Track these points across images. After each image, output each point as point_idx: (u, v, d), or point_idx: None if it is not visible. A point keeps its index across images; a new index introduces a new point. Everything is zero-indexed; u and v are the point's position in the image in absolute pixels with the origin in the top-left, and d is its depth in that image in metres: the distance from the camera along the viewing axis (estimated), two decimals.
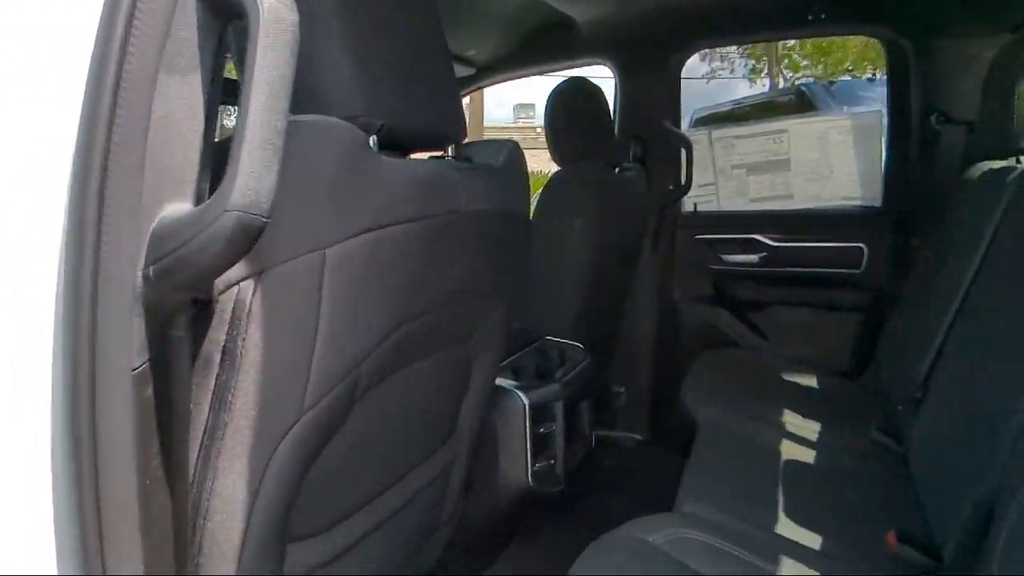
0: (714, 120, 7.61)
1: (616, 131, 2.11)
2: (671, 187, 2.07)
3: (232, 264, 0.44)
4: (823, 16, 1.67)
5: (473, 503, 1.23)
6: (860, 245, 1.89)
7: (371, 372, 0.68)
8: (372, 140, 0.66)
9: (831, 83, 6.89)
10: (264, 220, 0.42)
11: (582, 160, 1.65)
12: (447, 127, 0.82)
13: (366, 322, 0.65)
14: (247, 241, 0.42)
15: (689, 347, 2.16)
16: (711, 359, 1.89)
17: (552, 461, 1.30)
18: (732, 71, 16.10)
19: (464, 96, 2.42)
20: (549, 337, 1.58)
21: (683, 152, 2.04)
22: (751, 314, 2.09)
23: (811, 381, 1.79)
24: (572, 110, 1.65)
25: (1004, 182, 1.24)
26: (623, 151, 2.08)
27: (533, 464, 1.25)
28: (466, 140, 0.89)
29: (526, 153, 0.95)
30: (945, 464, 1.02)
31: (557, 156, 1.70)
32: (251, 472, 0.55)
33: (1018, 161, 1.28)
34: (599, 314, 1.84)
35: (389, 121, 0.68)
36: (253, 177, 0.40)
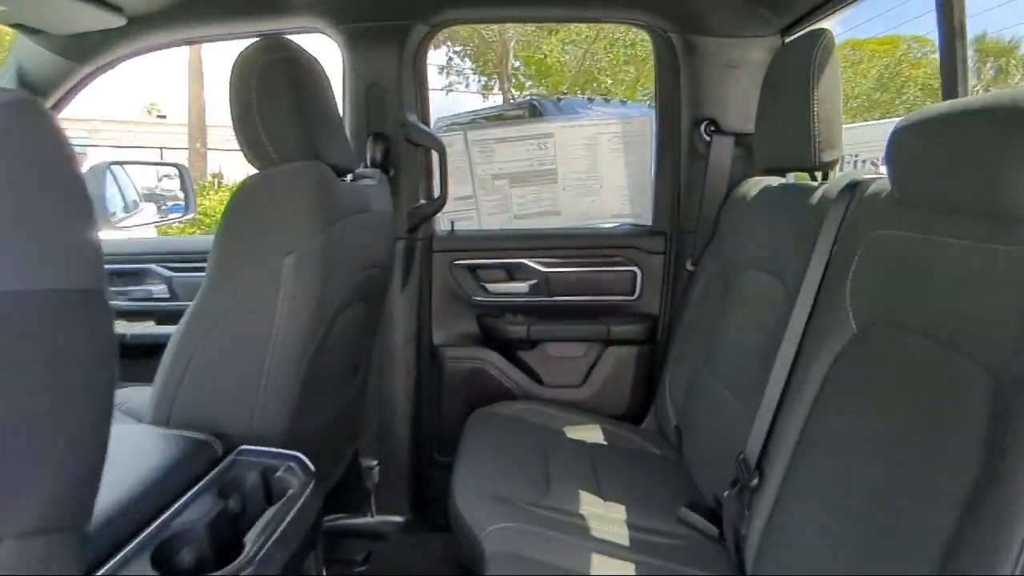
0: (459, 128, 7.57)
1: (346, 126, 1.57)
2: (422, 201, 1.61)
3: None
4: None
5: None
6: (633, 269, 1.67)
7: None
8: None
9: (558, 99, 7.38)
10: None
11: (292, 162, 1.06)
12: None
13: None
14: None
15: (455, 400, 1.73)
16: (482, 425, 1.48)
17: None
18: (468, 86, 16.83)
19: (112, 63, 1.60)
20: (246, 448, 0.96)
21: (435, 157, 1.59)
22: (523, 353, 1.75)
23: (597, 435, 1.51)
24: (270, 84, 1.06)
25: (808, 201, 1.05)
26: (358, 153, 1.56)
27: None
28: None
29: None
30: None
31: (252, 157, 1.08)
32: None
33: (822, 177, 1.11)
34: (333, 383, 1.28)
35: None
36: None
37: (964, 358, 0.60)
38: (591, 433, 1.51)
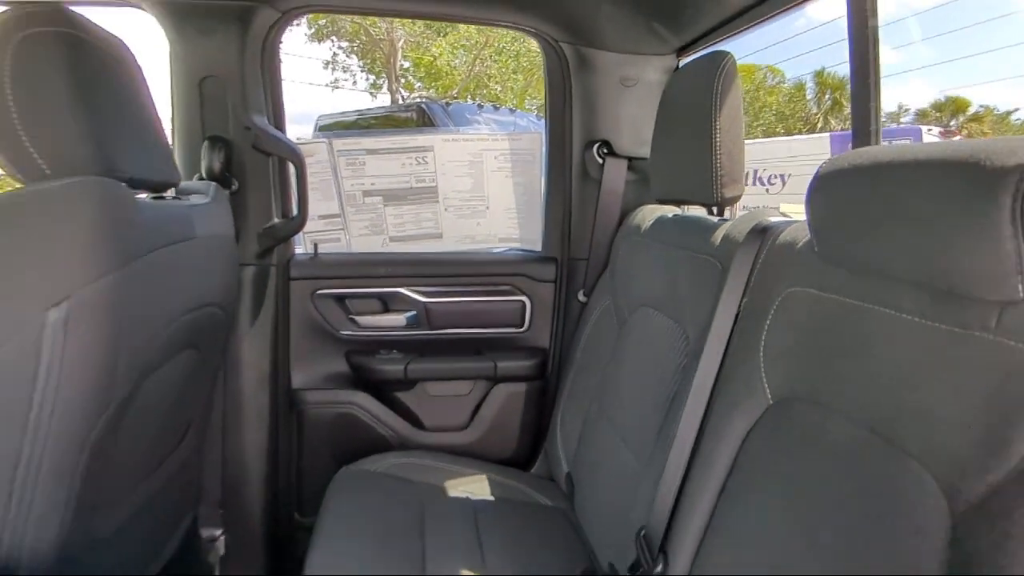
0: (341, 128, 7.18)
1: (174, 129, 1.28)
2: (276, 220, 1.35)
3: None
4: None
5: None
6: (522, 299, 1.52)
7: None
8: None
9: (447, 103, 7.20)
10: None
11: (68, 175, 0.78)
12: None
13: None
14: None
15: (318, 454, 1.49)
16: (348, 487, 1.26)
17: None
18: (355, 83, 16.20)
19: None
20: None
21: (292, 168, 1.34)
22: (399, 394, 1.54)
23: (483, 489, 1.34)
24: (36, 69, 0.77)
25: (710, 240, 0.95)
26: (187, 162, 1.27)
27: None
28: None
29: None
30: None
31: (11, 165, 0.79)
32: None
33: (719, 212, 1.01)
34: (147, 461, 1.00)
35: None
36: None
37: (911, 459, 0.50)
38: (476, 485, 1.34)
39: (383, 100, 14.75)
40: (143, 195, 0.99)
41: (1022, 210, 0.42)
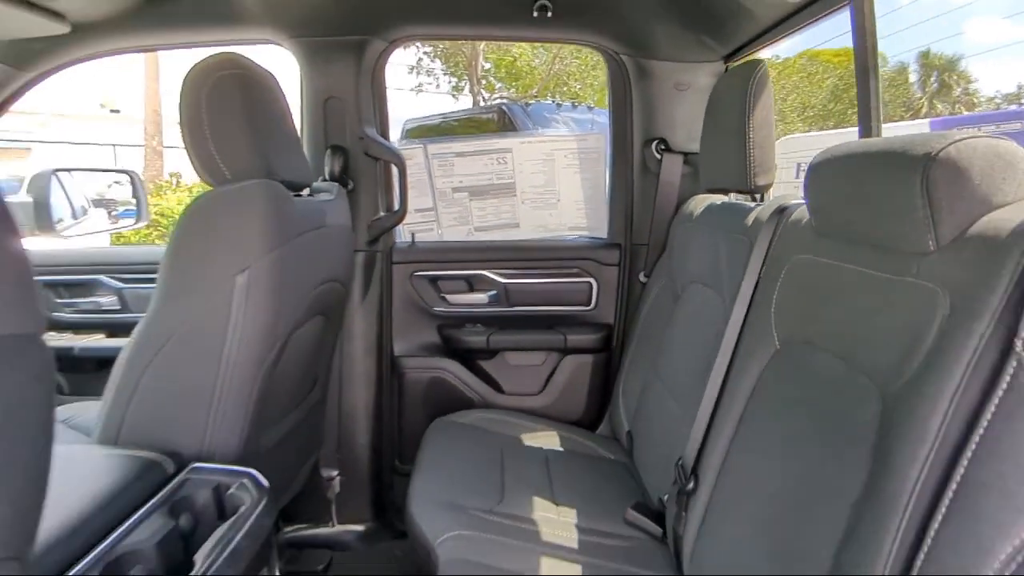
0: (424, 131, 7.59)
1: (304, 141, 1.58)
2: (382, 214, 1.63)
3: None
4: (549, 15, 1.42)
5: None
6: (589, 280, 1.72)
7: None
8: None
9: (527, 104, 7.43)
10: None
11: (245, 180, 1.07)
12: None
13: None
14: None
15: (415, 409, 1.76)
16: (441, 433, 1.51)
17: None
18: (438, 87, 16.82)
19: (58, 68, 1.58)
20: (199, 466, 0.97)
21: (394, 170, 1.61)
22: (482, 362, 1.79)
23: (553, 441, 1.55)
24: (222, 101, 1.07)
25: (743, 222, 1.11)
26: (315, 167, 1.57)
27: None
28: None
29: None
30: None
31: (205, 173, 1.09)
32: None
33: (759, 198, 1.17)
34: (289, 398, 1.30)
35: None
36: None
37: (859, 374, 0.66)
38: (547, 439, 1.55)
39: (464, 101, 15.25)
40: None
41: (927, 187, 0.58)
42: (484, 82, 15.50)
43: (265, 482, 0.97)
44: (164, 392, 1.01)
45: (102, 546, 0.76)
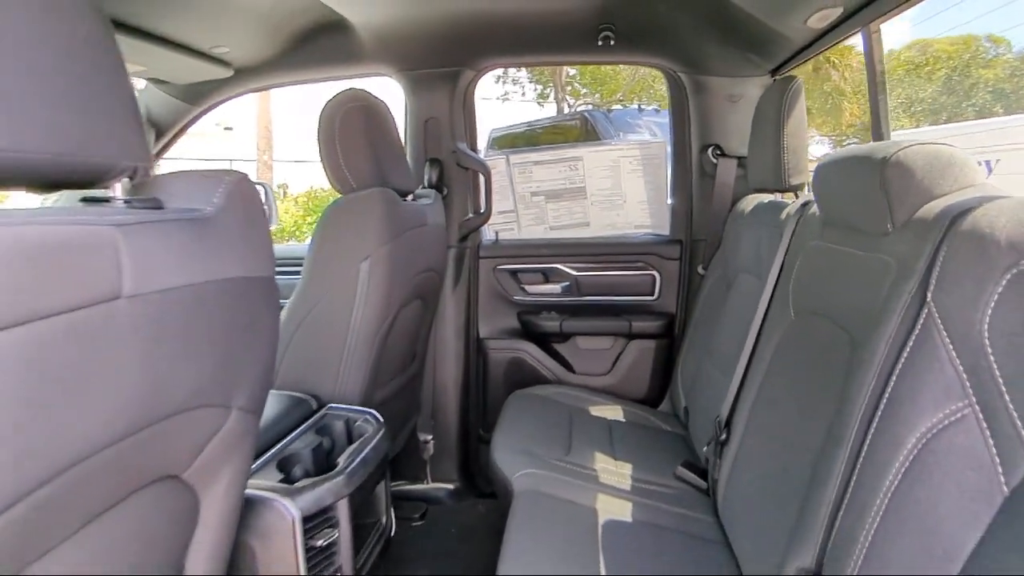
0: (510, 139, 7.92)
1: (408, 154, 1.89)
2: (470, 215, 1.91)
3: None
4: (612, 43, 1.64)
5: None
6: (652, 273, 1.92)
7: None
8: None
9: (609, 111, 7.58)
10: None
11: (367, 188, 1.38)
12: (108, 154, 0.51)
13: None
14: None
15: (497, 385, 2.02)
16: (519, 401, 1.75)
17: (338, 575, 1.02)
18: (524, 95, 17.21)
19: (219, 103, 2.00)
20: (333, 406, 1.28)
21: (481, 178, 1.89)
22: (556, 345, 2.02)
23: (617, 413, 1.76)
24: (350, 128, 1.38)
25: (778, 217, 1.28)
26: (416, 176, 1.87)
27: None
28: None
29: None
30: (756, 523, 0.99)
31: (337, 184, 1.41)
32: None
33: (796, 195, 1.33)
34: (397, 365, 1.59)
35: None
36: None
37: (844, 331, 0.84)
38: (612, 411, 1.76)
39: (549, 108, 15.54)
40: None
41: (884, 183, 0.76)
42: (569, 88, 15.73)
43: (381, 419, 1.26)
44: (308, 350, 1.34)
45: (274, 449, 1.08)
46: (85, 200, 0.53)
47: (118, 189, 0.54)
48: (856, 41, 1.25)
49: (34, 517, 0.45)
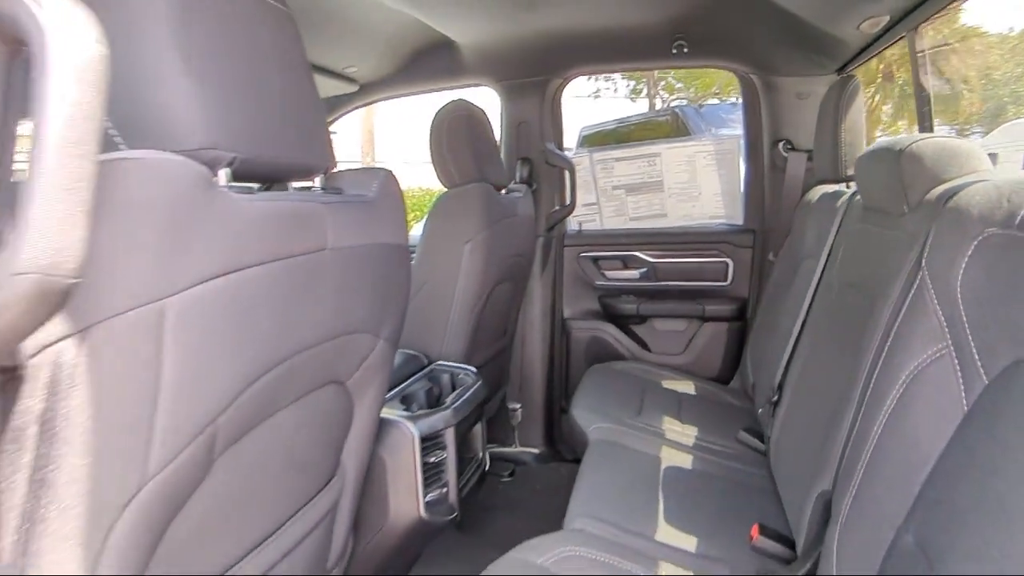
0: (600, 136, 8.02)
1: (503, 153, 2.15)
2: (556, 207, 2.14)
3: (35, 329, 0.38)
4: (685, 51, 1.81)
5: (363, 540, 1.19)
6: (726, 260, 2.05)
7: (232, 425, 0.63)
8: (224, 174, 0.62)
9: (700, 106, 7.51)
10: (70, 281, 0.37)
11: (469, 183, 1.65)
12: (311, 156, 0.78)
13: (221, 374, 0.60)
14: (49, 305, 0.37)
15: (578, 361, 2.24)
16: (598, 373, 1.96)
17: (444, 490, 1.28)
18: (616, 91, 17.11)
19: (347, 113, 2.36)
20: (440, 362, 1.56)
21: (567, 173, 2.11)
22: (634, 327, 2.21)
23: (688, 388, 1.92)
24: (455, 132, 1.66)
25: (835, 205, 1.40)
26: (510, 173, 2.13)
27: (425, 495, 1.22)
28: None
29: None
30: (795, 463, 1.14)
31: (444, 179, 1.70)
32: (84, 554, 0.49)
33: (847, 186, 1.45)
34: (490, 336, 1.85)
35: (243, 153, 0.63)
36: (49, 234, 0.35)
37: (864, 296, 0.99)
38: (683, 386, 1.93)
39: (641, 104, 15.40)
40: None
41: (900, 170, 0.90)
42: (663, 83, 15.52)
43: (478, 374, 1.53)
44: (420, 318, 1.62)
45: (397, 389, 1.37)
46: (299, 189, 0.81)
47: (317, 180, 0.82)
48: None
49: (256, 398, 0.71)
